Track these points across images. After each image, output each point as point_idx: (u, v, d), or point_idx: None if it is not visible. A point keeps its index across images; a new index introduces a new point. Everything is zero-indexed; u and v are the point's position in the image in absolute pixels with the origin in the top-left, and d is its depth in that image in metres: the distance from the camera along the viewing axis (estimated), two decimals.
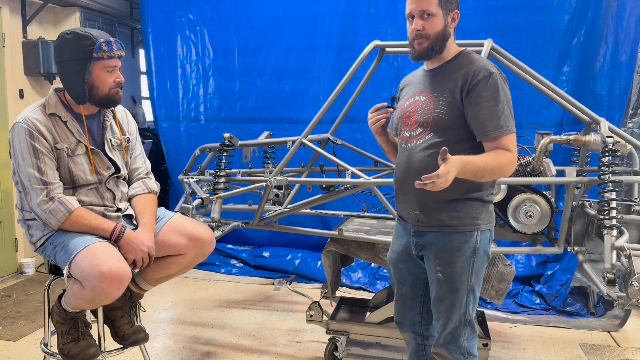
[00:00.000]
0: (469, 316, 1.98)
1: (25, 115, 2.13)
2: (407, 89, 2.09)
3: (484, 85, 1.81)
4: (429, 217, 1.93)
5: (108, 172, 2.26)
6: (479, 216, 1.91)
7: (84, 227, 2.12)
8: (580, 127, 3.08)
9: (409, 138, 1.96)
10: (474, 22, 4.20)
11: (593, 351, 3.32)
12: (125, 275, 2.00)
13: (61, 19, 5.10)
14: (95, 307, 2.19)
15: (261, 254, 4.87)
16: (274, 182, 3.05)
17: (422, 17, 1.87)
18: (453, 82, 1.87)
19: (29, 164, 2.08)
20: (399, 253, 2.12)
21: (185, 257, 2.31)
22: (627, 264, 2.33)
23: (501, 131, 1.81)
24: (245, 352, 3.26)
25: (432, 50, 1.90)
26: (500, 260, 2.83)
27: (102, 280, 1.95)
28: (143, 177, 2.42)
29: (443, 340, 2.01)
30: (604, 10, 4.00)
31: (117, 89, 2.20)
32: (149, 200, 2.35)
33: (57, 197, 2.10)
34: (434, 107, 1.89)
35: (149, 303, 3.95)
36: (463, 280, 1.93)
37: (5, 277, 4.57)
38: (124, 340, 2.30)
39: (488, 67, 1.85)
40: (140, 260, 2.14)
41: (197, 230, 2.32)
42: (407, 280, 2.13)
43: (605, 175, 2.54)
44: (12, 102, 4.58)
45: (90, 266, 1.96)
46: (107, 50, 2.11)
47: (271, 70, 4.75)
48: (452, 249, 1.91)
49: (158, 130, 5.15)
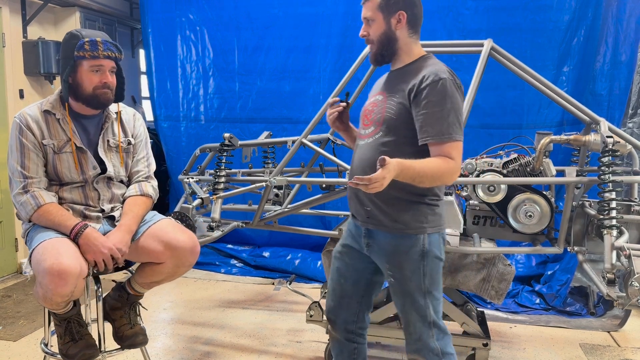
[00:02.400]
0: (431, 318, 1.95)
1: (22, 111, 2.21)
2: (374, 88, 2.13)
3: (431, 89, 1.81)
4: (378, 213, 1.93)
5: (94, 171, 2.25)
6: (426, 219, 1.91)
7: (48, 223, 2.12)
8: (580, 127, 3.08)
9: (362, 135, 2.02)
10: (474, 22, 4.21)
11: (593, 351, 3.32)
12: (70, 272, 1.91)
13: (61, 19, 5.10)
14: (52, 307, 2.07)
15: (261, 254, 4.87)
16: (274, 182, 3.05)
17: (367, 23, 1.94)
18: (406, 84, 1.89)
19: (14, 158, 2.16)
20: (349, 248, 2.13)
21: (165, 267, 2.20)
22: (627, 264, 2.33)
23: (442, 138, 1.80)
24: (245, 352, 3.26)
25: (381, 54, 1.95)
26: (500, 260, 2.83)
27: (44, 276, 1.92)
28: (141, 180, 2.39)
29: (414, 347, 2.00)
30: (604, 10, 4.00)
31: (104, 90, 2.17)
32: (137, 202, 2.29)
33: (32, 191, 2.13)
34: (386, 107, 1.93)
35: (149, 303, 3.95)
36: (414, 283, 1.92)
37: (5, 277, 4.57)
38: (123, 342, 2.30)
39: (439, 72, 1.83)
40: (100, 261, 2.08)
41: (176, 237, 2.18)
42: (350, 276, 2.13)
43: (605, 175, 2.54)
44: (12, 102, 4.58)
45: (38, 262, 1.96)
46: (89, 50, 2.11)
47: (271, 70, 4.75)
48: (400, 252, 1.92)
49: (158, 130, 5.15)
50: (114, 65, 2.21)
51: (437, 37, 4.24)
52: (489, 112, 4.26)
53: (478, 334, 2.91)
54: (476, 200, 2.82)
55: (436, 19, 4.28)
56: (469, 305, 3.11)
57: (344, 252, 2.15)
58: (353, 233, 2.11)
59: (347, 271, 2.13)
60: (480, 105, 4.21)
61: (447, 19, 4.27)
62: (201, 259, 4.93)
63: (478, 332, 2.91)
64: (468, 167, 2.81)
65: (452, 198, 2.72)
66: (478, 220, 2.94)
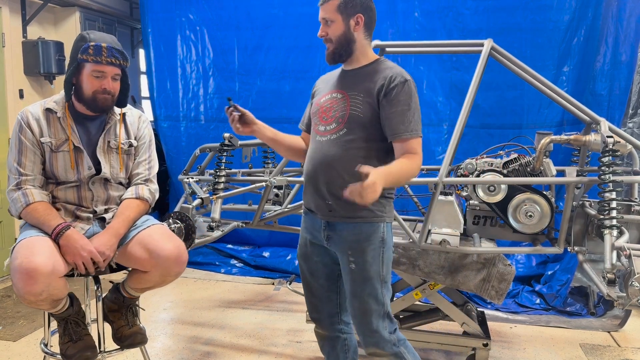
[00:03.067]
0: (387, 309, 2.04)
1: (25, 109, 2.22)
2: (323, 85, 2.18)
3: (399, 90, 1.93)
4: (342, 205, 1.98)
5: (88, 172, 2.24)
6: (384, 210, 2.03)
7: (35, 221, 2.12)
8: (580, 127, 3.08)
9: (323, 132, 2.04)
10: (474, 22, 4.20)
11: (593, 351, 3.32)
12: (39, 271, 1.88)
13: (61, 19, 5.10)
14: (30, 305, 2.01)
15: (261, 254, 4.87)
16: (274, 182, 3.05)
17: (326, 23, 2.01)
18: (372, 83, 1.98)
19: (12, 154, 2.18)
20: (312, 245, 2.15)
21: (150, 275, 2.17)
22: (627, 264, 2.33)
23: (411, 134, 1.93)
24: (245, 352, 3.26)
25: (339, 53, 2.03)
26: (500, 260, 2.83)
27: (15, 274, 1.92)
28: (139, 183, 2.36)
29: (372, 340, 2.04)
30: (604, 10, 4.00)
31: (103, 95, 2.17)
32: (131, 205, 2.26)
33: (24, 188, 2.15)
34: (350, 105, 1.99)
35: (149, 303, 3.96)
36: (374, 269, 2.00)
37: (6, 277, 4.57)
38: (122, 342, 2.29)
39: (404, 74, 1.97)
40: (80, 264, 2.04)
41: (160, 246, 2.12)
42: (321, 272, 2.17)
43: (605, 175, 2.54)
44: (12, 102, 4.58)
45: (13, 259, 1.97)
46: (92, 54, 2.10)
47: (271, 70, 4.75)
48: (362, 239, 1.99)
49: (158, 130, 5.14)
50: (118, 72, 2.20)
51: (437, 37, 4.25)
52: (489, 112, 4.26)
53: (478, 334, 2.91)
54: (476, 200, 2.82)
55: (436, 19, 4.28)
56: (469, 305, 3.12)
57: (309, 252, 2.18)
58: (310, 228, 2.14)
59: (317, 269, 2.18)
60: (480, 105, 4.21)
61: (447, 19, 4.26)
62: (201, 259, 4.95)
63: (478, 332, 2.91)
64: (468, 167, 2.81)
65: (452, 198, 2.73)
66: (478, 220, 2.94)
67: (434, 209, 2.66)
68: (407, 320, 3.12)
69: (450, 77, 4.31)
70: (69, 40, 5.02)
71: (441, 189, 2.66)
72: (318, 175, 2.02)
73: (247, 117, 2.14)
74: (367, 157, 1.97)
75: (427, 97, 4.34)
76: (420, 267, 2.86)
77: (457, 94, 4.28)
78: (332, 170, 1.98)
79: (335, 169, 1.98)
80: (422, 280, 2.95)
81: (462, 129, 2.66)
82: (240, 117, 2.13)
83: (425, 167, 3.45)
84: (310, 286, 2.21)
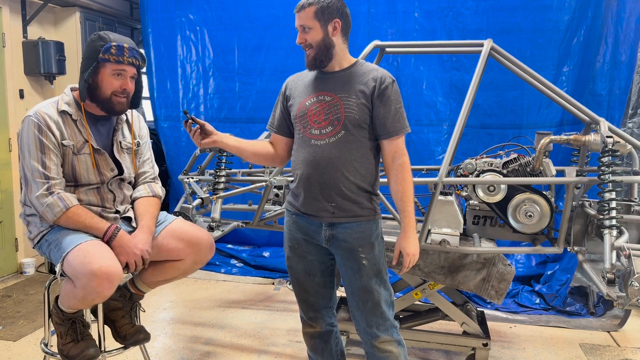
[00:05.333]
0: (393, 297, 2.18)
1: (37, 110, 2.14)
2: (300, 88, 2.18)
3: (390, 90, 2.02)
4: (347, 204, 2.05)
5: (111, 173, 2.26)
6: (376, 207, 2.13)
7: (78, 225, 2.11)
8: (580, 127, 3.08)
9: (319, 135, 2.06)
10: (474, 22, 4.21)
11: (593, 351, 3.32)
12: (116, 274, 1.98)
13: (61, 19, 5.10)
14: (88, 307, 2.17)
15: (261, 254, 4.87)
16: (274, 182, 3.06)
17: (304, 30, 2.05)
18: (363, 85, 2.03)
19: (34, 157, 2.10)
20: (307, 245, 2.17)
21: (183, 263, 2.30)
22: (627, 264, 2.33)
23: (403, 130, 2.05)
24: (245, 352, 3.26)
25: (320, 59, 2.06)
26: (500, 260, 2.83)
27: (92, 279, 1.94)
28: (149, 181, 2.41)
29: (384, 326, 2.12)
30: (604, 10, 4.00)
31: (119, 98, 2.17)
32: (152, 203, 2.33)
33: (57, 192, 2.10)
34: (344, 107, 2.03)
35: (149, 303, 3.96)
36: (382, 261, 2.13)
37: (5, 277, 4.57)
38: (126, 340, 2.31)
39: (389, 74, 2.08)
40: (132, 263, 2.11)
41: (197, 235, 2.30)
42: (317, 270, 2.21)
43: (605, 175, 2.54)
44: (12, 102, 4.58)
45: (81, 264, 1.96)
46: (115, 54, 2.12)
47: (271, 70, 4.75)
48: (369, 236, 2.08)
49: (158, 130, 5.15)
50: (136, 73, 2.22)
51: (437, 37, 4.25)
52: (489, 112, 4.27)
53: (478, 334, 2.92)
54: (476, 200, 2.82)
55: (436, 19, 4.28)
56: (469, 305, 3.12)
57: (304, 252, 2.18)
58: (305, 229, 2.14)
59: (313, 267, 2.20)
60: (480, 105, 4.21)
61: (447, 19, 4.27)
62: None
63: (478, 332, 2.92)
64: (468, 167, 2.81)
65: (452, 198, 2.73)
66: (478, 220, 2.94)
67: (434, 209, 2.67)
68: (407, 320, 3.12)
69: (450, 77, 4.31)
70: (69, 40, 5.06)
71: (441, 189, 2.67)
72: (319, 178, 2.04)
73: (207, 128, 2.14)
74: (366, 156, 2.06)
75: (427, 97, 4.34)
76: (420, 267, 2.86)
77: (457, 94, 4.28)
78: (336, 171, 2.02)
79: (339, 170, 2.02)
80: (422, 280, 2.95)
81: (462, 129, 2.67)
82: (201, 129, 2.13)
83: (425, 167, 3.46)
84: (306, 286, 2.23)
